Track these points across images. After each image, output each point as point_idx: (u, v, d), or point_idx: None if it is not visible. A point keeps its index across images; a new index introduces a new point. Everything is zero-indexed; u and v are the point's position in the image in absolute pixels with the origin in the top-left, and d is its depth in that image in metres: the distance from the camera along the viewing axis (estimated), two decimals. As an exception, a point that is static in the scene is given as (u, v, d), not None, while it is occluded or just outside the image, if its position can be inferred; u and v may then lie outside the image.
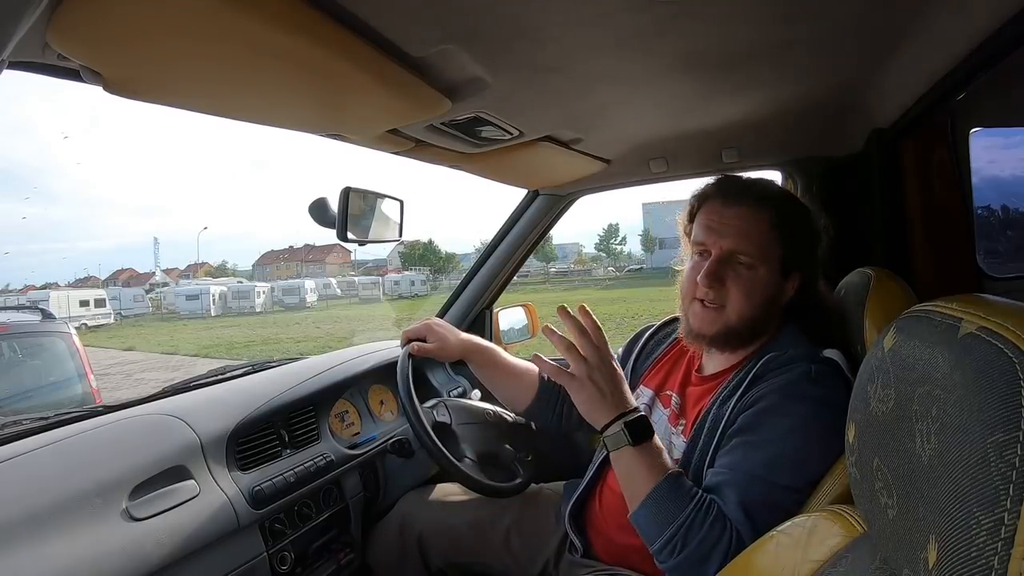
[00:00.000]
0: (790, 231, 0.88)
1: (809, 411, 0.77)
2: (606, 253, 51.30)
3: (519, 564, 1.07)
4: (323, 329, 18.37)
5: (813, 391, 0.78)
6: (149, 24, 0.54)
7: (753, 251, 0.86)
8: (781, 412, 0.78)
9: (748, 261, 0.86)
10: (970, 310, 0.35)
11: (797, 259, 0.89)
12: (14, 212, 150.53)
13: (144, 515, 0.79)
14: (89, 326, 22.60)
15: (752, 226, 0.87)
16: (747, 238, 0.87)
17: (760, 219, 0.87)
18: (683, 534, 0.74)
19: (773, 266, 0.88)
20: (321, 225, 1.08)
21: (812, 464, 0.74)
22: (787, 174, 1.41)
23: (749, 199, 0.89)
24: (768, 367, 0.83)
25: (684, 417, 0.92)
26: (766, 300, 0.88)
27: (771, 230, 0.87)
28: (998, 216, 1.40)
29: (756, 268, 0.87)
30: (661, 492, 0.77)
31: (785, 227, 0.88)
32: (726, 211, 0.89)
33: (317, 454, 1.08)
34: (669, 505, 0.76)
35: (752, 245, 0.86)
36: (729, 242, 0.87)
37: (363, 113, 0.88)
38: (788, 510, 0.71)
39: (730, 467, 0.78)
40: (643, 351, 1.10)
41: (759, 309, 0.87)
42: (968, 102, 1.09)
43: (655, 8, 0.66)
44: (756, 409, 0.79)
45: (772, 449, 0.76)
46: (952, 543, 0.30)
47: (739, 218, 0.88)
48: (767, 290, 0.88)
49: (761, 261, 0.87)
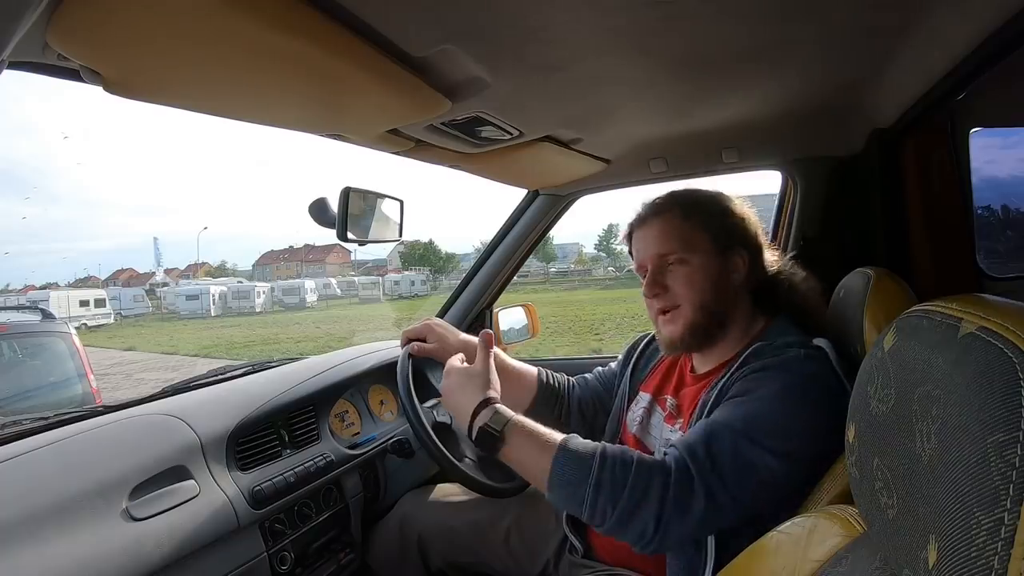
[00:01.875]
0: (704, 216, 0.92)
1: (797, 383, 0.77)
2: (606, 253, 51.30)
3: (519, 564, 1.07)
4: (323, 329, 18.37)
5: (803, 367, 0.80)
6: (149, 24, 0.54)
7: (677, 245, 0.91)
8: (766, 380, 0.79)
9: (676, 257, 0.91)
10: (970, 310, 0.35)
11: (727, 235, 0.92)
12: (14, 212, 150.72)
13: (144, 515, 0.79)
14: (89, 326, 22.61)
15: (667, 228, 0.93)
16: (666, 237, 0.92)
17: (669, 220, 0.93)
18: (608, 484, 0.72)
19: (705, 249, 0.91)
20: (321, 225, 1.08)
21: (789, 430, 0.74)
22: (787, 174, 1.41)
23: (654, 211, 0.95)
24: (758, 353, 0.85)
25: (681, 416, 0.93)
26: (713, 282, 0.90)
27: (684, 222, 0.92)
28: (998, 216, 1.40)
29: (688, 260, 0.90)
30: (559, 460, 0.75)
31: (697, 215, 0.92)
32: (644, 229, 0.96)
33: (317, 454, 1.08)
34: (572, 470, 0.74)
35: (674, 241, 0.91)
36: (653, 249, 0.93)
37: (363, 113, 0.88)
38: (753, 465, 0.72)
39: (710, 420, 0.78)
40: (640, 359, 1.11)
41: (709, 293, 0.90)
42: (968, 102, 1.09)
43: (655, 8, 0.66)
44: (745, 379, 0.81)
45: (750, 407, 0.76)
46: (952, 543, 0.30)
47: (652, 227, 0.94)
48: (709, 272, 0.90)
49: (688, 251, 0.90)
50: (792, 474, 0.73)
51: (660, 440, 0.94)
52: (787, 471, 0.73)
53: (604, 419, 1.12)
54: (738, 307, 0.92)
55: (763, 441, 0.73)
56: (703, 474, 0.72)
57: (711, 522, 0.73)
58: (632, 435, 0.99)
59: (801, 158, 1.34)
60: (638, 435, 0.98)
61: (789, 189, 1.42)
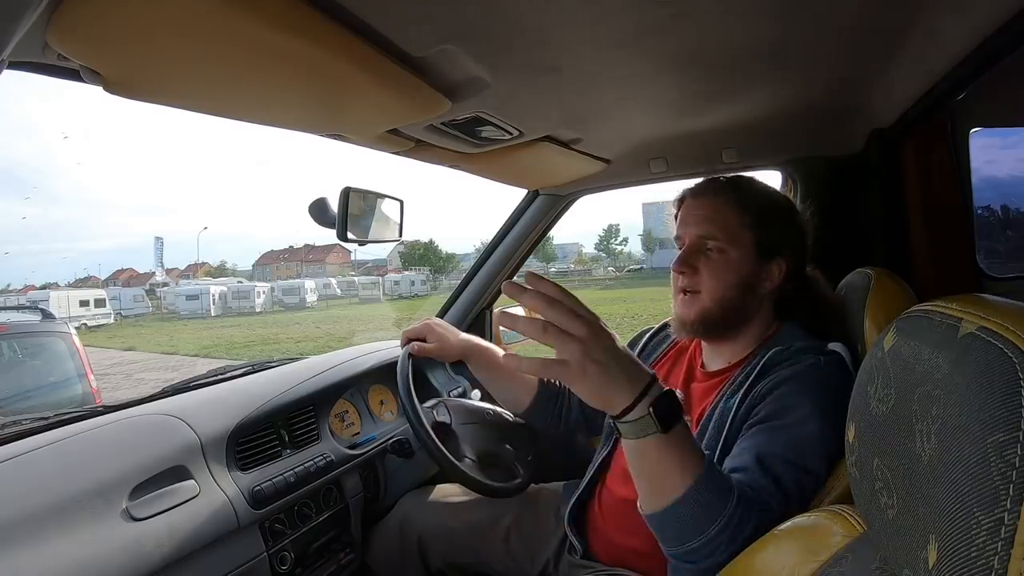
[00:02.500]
0: (763, 217, 0.89)
1: (825, 397, 0.76)
2: (606, 253, 51.34)
3: (519, 565, 1.07)
4: (323, 329, 18.37)
5: (826, 378, 0.79)
6: (149, 24, 0.54)
7: (720, 234, 0.88)
8: (801, 396, 0.77)
9: (717, 245, 0.88)
10: (970, 310, 0.35)
11: (775, 244, 0.90)
12: (14, 212, 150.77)
13: (144, 515, 0.79)
14: (89, 326, 22.62)
15: (718, 212, 0.89)
16: (713, 223, 0.89)
17: (727, 205, 0.90)
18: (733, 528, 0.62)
19: (746, 249, 0.88)
20: (321, 225, 1.08)
21: (831, 449, 0.74)
22: (787, 174, 1.41)
23: (716, 189, 0.92)
24: (774, 360, 0.83)
25: (689, 413, 0.92)
26: (741, 282, 0.88)
27: (740, 215, 0.89)
28: (998, 216, 1.40)
29: (726, 251, 0.88)
30: (702, 485, 0.62)
31: (756, 213, 0.89)
32: (694, 202, 0.93)
33: (317, 454, 1.08)
34: (714, 499, 0.63)
35: (718, 229, 0.88)
36: (697, 229, 0.90)
37: (363, 113, 0.88)
38: (808, 493, 0.71)
39: (757, 448, 0.74)
40: (642, 353, 1.09)
41: (734, 290, 0.88)
42: (968, 102, 1.09)
43: (655, 8, 0.66)
44: (775, 396, 0.79)
45: (794, 433, 0.75)
46: (952, 543, 0.30)
47: (705, 207, 0.91)
48: (741, 272, 0.88)
49: (730, 244, 0.88)
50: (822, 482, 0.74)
51: None
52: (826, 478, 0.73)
53: (604, 416, 1.12)
54: (759, 312, 0.91)
55: (814, 465, 0.73)
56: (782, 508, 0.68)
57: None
58: None
59: (801, 158, 1.34)
60: None
61: (789, 189, 1.42)
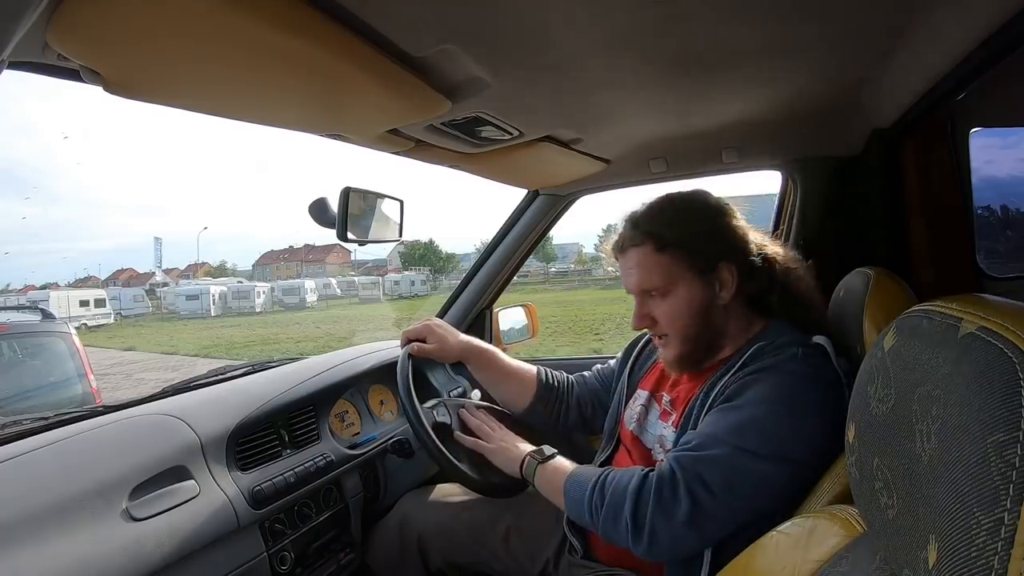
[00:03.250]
0: (680, 242, 0.88)
1: (788, 384, 0.77)
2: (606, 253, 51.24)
3: (519, 564, 1.07)
4: (323, 329, 18.37)
5: (796, 367, 0.79)
6: (149, 24, 0.54)
7: (656, 280, 0.89)
8: (759, 383, 0.78)
9: (658, 291, 0.89)
10: (970, 310, 0.35)
11: (709, 256, 0.88)
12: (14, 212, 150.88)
13: (144, 515, 0.79)
14: (89, 326, 22.62)
15: (644, 260, 0.90)
16: (644, 273, 0.90)
17: (646, 254, 0.89)
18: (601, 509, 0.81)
19: (686, 278, 0.88)
20: (321, 225, 1.08)
21: (783, 434, 0.74)
22: (787, 174, 1.41)
23: (631, 241, 0.91)
24: (755, 355, 0.84)
25: (675, 411, 0.94)
26: (700, 310, 0.88)
27: (661, 253, 0.88)
28: (998, 216, 1.40)
29: (670, 291, 0.89)
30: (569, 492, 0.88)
31: (672, 245, 0.88)
32: (621, 260, 0.94)
33: (317, 454, 1.08)
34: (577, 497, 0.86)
35: (652, 275, 0.89)
36: (634, 284, 0.92)
37: (363, 113, 0.88)
38: (745, 472, 0.72)
39: (696, 433, 0.79)
40: (639, 358, 1.12)
41: (697, 320, 0.88)
42: (968, 102, 1.09)
43: (655, 8, 0.66)
44: (739, 383, 0.80)
45: (742, 414, 0.76)
46: (952, 543, 0.30)
47: (631, 259, 0.92)
48: (693, 302, 0.88)
49: (669, 283, 0.88)
50: (791, 476, 0.73)
51: (654, 437, 0.94)
52: (785, 473, 0.73)
53: (603, 417, 1.12)
54: (730, 320, 0.91)
55: (755, 448, 0.73)
56: (689, 482, 0.74)
57: (706, 527, 0.74)
58: (630, 432, 1.00)
59: (801, 158, 1.34)
60: (635, 432, 0.99)
61: (789, 189, 1.42)
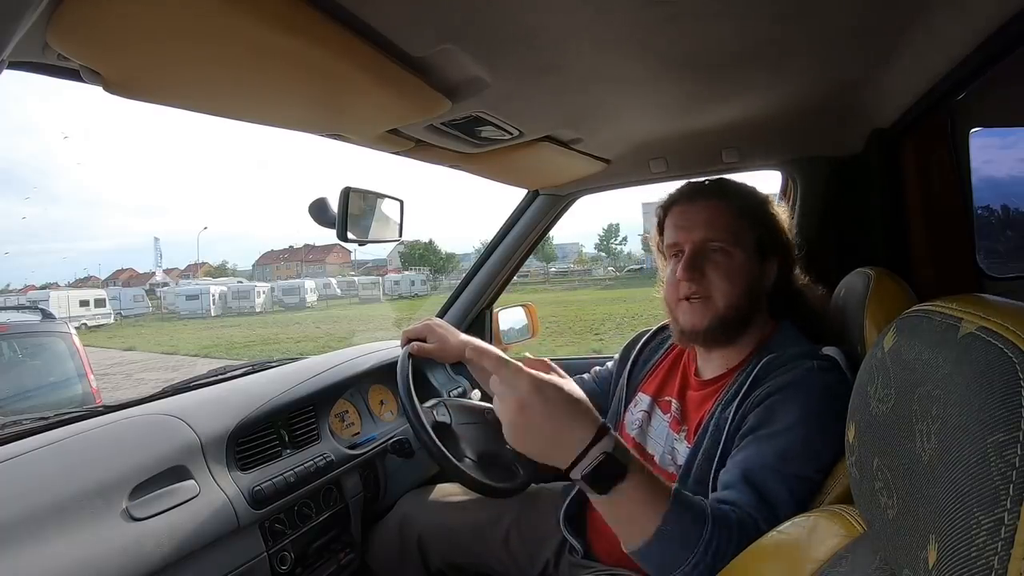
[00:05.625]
0: (757, 216, 0.91)
1: (816, 400, 0.76)
2: (606, 253, 51.34)
3: (519, 565, 1.07)
4: (323, 329, 18.37)
5: (815, 381, 0.78)
6: (149, 24, 0.54)
7: (725, 236, 0.88)
8: (789, 404, 0.77)
9: (722, 247, 0.88)
10: (970, 310, 0.35)
11: (770, 242, 0.92)
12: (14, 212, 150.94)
13: (144, 515, 0.79)
14: (89, 326, 22.62)
15: (718, 214, 0.89)
16: (716, 226, 0.89)
17: (725, 207, 0.90)
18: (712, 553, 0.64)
19: (748, 250, 0.89)
20: (321, 225, 1.08)
21: (823, 453, 0.73)
22: (787, 174, 1.41)
23: (710, 193, 0.93)
24: (769, 368, 0.82)
25: (686, 423, 0.92)
26: (748, 285, 0.89)
27: (738, 217, 0.90)
28: (998, 216, 1.40)
29: (731, 253, 0.88)
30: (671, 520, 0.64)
31: (751, 213, 0.91)
32: (691, 207, 0.92)
33: (317, 454, 1.08)
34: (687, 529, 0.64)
35: (723, 231, 0.88)
36: (700, 233, 0.89)
37: (363, 113, 0.88)
38: (802, 500, 0.71)
39: (744, 462, 0.75)
40: (639, 357, 1.09)
41: (744, 295, 0.88)
42: (968, 102, 1.09)
43: (655, 8, 0.66)
44: (765, 405, 0.79)
45: (783, 441, 0.75)
46: (952, 543, 0.30)
47: (705, 210, 0.90)
48: (748, 274, 0.89)
49: (735, 245, 0.88)
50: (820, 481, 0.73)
51: (665, 447, 0.92)
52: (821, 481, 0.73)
53: (605, 417, 1.11)
54: (759, 312, 0.92)
55: (805, 471, 0.73)
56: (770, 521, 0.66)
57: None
58: (631, 438, 0.98)
59: (801, 158, 1.34)
60: (637, 439, 0.97)
61: (789, 189, 1.42)
